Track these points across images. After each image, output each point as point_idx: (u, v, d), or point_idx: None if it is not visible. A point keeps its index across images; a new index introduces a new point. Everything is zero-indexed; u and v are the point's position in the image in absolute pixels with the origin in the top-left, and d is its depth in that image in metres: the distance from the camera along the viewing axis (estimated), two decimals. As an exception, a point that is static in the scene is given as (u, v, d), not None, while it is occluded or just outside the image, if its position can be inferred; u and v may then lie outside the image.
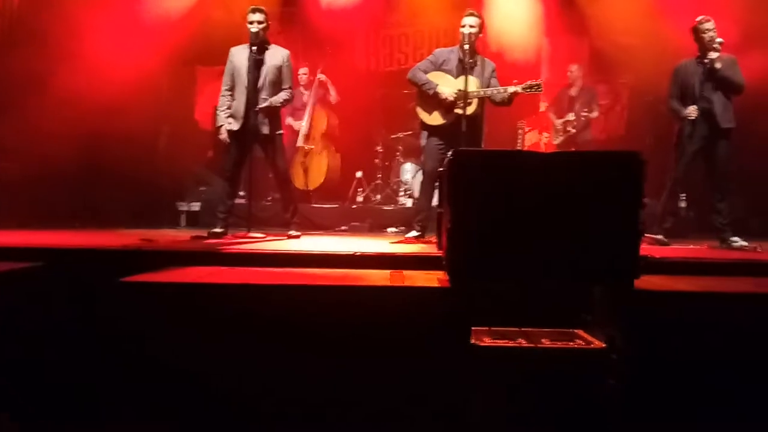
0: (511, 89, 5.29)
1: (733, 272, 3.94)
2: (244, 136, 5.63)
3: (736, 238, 5.48)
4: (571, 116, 8.15)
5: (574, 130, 8.10)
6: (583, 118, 8.08)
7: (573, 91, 8.25)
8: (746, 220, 6.66)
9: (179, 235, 5.94)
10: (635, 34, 8.44)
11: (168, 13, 7.57)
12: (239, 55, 5.68)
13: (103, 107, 6.78)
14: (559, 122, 8.32)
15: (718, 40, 5.47)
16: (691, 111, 5.54)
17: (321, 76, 8.42)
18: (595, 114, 8.13)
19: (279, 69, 5.72)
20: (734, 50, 5.66)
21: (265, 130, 5.67)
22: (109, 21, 6.94)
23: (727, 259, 4.41)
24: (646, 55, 8.20)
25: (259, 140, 5.72)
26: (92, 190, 7.15)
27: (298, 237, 5.80)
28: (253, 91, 5.59)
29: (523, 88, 5.27)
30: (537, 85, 5.28)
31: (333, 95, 8.56)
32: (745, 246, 5.38)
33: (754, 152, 6.85)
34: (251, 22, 5.58)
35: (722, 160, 5.60)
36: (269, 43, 5.76)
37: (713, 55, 5.47)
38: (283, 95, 5.75)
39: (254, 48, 5.60)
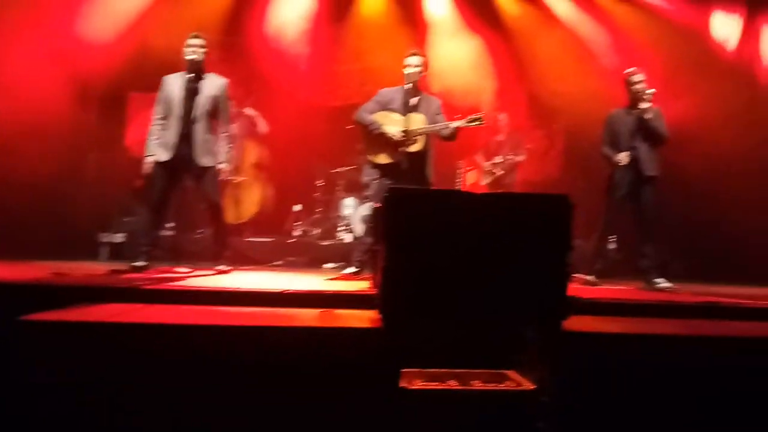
0: (454, 124, 5.34)
1: (658, 314, 4.02)
2: (174, 166, 5.44)
3: (661, 280, 5.66)
4: (498, 159, 8.32)
5: (501, 172, 8.26)
6: (509, 161, 8.25)
7: (500, 137, 8.44)
8: (670, 263, 6.88)
9: (97, 269, 5.50)
10: (570, 81, 8.75)
11: (100, 36, 7.37)
12: (173, 84, 5.51)
13: (23, 129, 6.44)
14: (487, 164, 8.48)
15: (650, 91, 5.69)
16: (622, 157, 5.74)
17: (248, 110, 8.36)
18: (521, 158, 8.32)
19: (216, 99, 5.56)
20: (659, 101, 5.90)
21: (204, 161, 5.49)
22: (34, 40, 6.68)
23: (653, 300, 4.51)
24: (580, 101, 8.49)
25: (192, 171, 5.53)
26: (7, 221, 6.75)
27: (228, 272, 5.61)
28: (186, 122, 5.43)
29: (467, 122, 5.33)
30: (478, 118, 5.34)
31: (261, 125, 8.48)
32: (670, 288, 5.55)
33: (679, 199, 7.13)
34: (189, 46, 5.44)
35: (648, 205, 5.81)
36: (206, 72, 5.60)
37: (644, 105, 5.68)
38: (224, 136, 5.63)
39: (190, 76, 5.46)
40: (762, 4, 7.95)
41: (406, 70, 5.43)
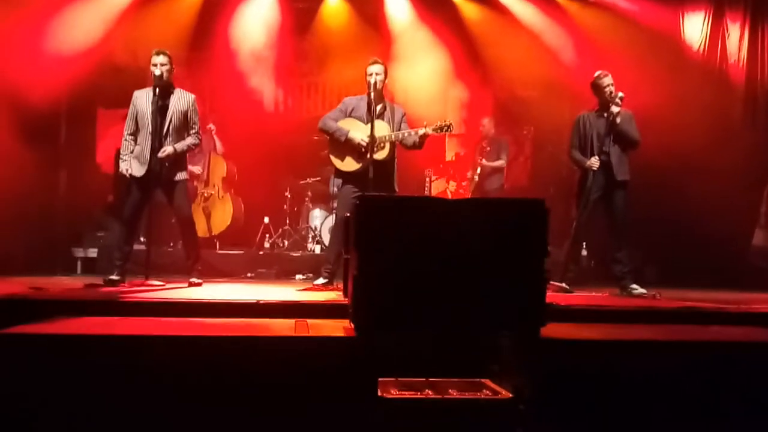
0: (422, 131, 5.29)
1: (634, 319, 4.02)
2: (147, 181, 5.43)
3: (635, 286, 5.63)
4: (480, 163, 8.36)
5: (477, 179, 8.28)
6: (486, 166, 8.27)
7: (484, 143, 8.47)
8: (643, 269, 6.91)
9: (73, 283, 5.61)
10: (534, 87, 8.81)
11: (67, 51, 7.24)
12: (142, 99, 5.50)
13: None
14: (470, 173, 8.51)
15: (620, 94, 5.66)
16: (593, 162, 5.70)
17: (211, 126, 8.34)
18: (499, 163, 8.33)
19: (185, 114, 5.58)
20: (628, 104, 5.91)
21: (171, 175, 5.50)
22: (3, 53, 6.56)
23: (629, 306, 4.49)
24: (547, 106, 8.58)
25: (162, 185, 5.53)
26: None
27: (200, 284, 5.60)
28: (157, 137, 5.42)
29: (434, 129, 5.28)
30: (447, 125, 5.30)
31: (218, 147, 8.51)
32: (645, 293, 5.53)
33: (650, 203, 7.16)
34: (155, 65, 5.42)
35: (620, 211, 5.78)
36: (174, 87, 5.60)
37: (614, 109, 5.64)
38: (188, 141, 5.61)
39: (158, 91, 5.42)
40: (727, 4, 8.03)
41: (370, 78, 5.38)
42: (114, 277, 5.36)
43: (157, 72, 5.40)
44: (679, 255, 7.46)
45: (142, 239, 6.54)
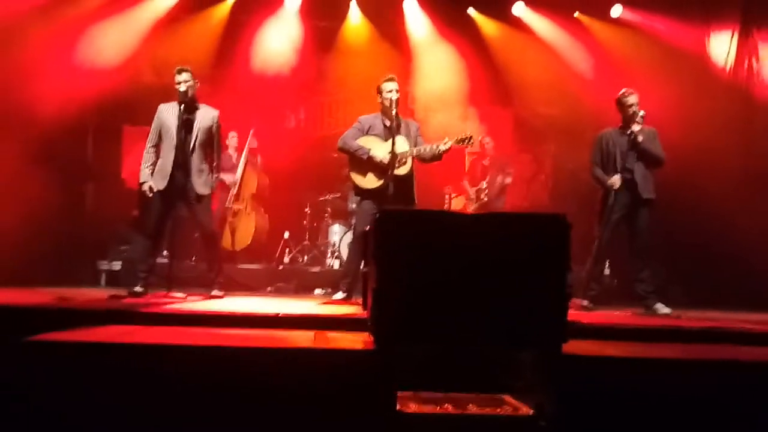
0: (444, 146, 5.28)
1: (659, 338, 3.95)
2: (170, 194, 5.49)
3: (660, 305, 5.56)
4: (483, 185, 8.31)
5: (486, 198, 8.25)
6: (496, 185, 8.24)
7: (486, 161, 8.44)
8: (668, 288, 6.79)
9: (97, 294, 5.65)
10: (556, 104, 8.79)
11: (95, 67, 7.36)
12: (168, 113, 5.56)
13: (21, 159, 6.48)
14: (472, 190, 8.48)
15: (641, 113, 5.63)
16: (615, 181, 5.66)
17: (253, 142, 8.37)
18: (507, 180, 8.30)
19: (210, 130, 5.64)
20: (653, 122, 5.86)
21: (200, 190, 5.55)
22: (29, 71, 6.66)
23: (653, 325, 4.43)
24: (568, 124, 8.52)
25: (187, 200, 5.58)
26: (8, 248, 6.73)
27: (221, 297, 5.63)
28: (181, 151, 5.48)
29: (456, 142, 5.28)
30: (468, 138, 5.30)
31: (259, 158, 8.57)
32: (669, 313, 5.45)
33: (675, 221, 7.06)
34: (178, 82, 5.49)
35: (644, 229, 5.71)
36: (198, 103, 5.67)
37: (636, 127, 5.62)
38: (213, 176, 5.72)
39: (183, 107, 5.50)
40: (756, 21, 7.93)
41: (390, 95, 5.40)
42: (138, 289, 5.42)
43: (182, 89, 5.47)
44: (706, 274, 7.32)
45: (164, 253, 6.57)
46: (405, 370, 3.19)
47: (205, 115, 5.64)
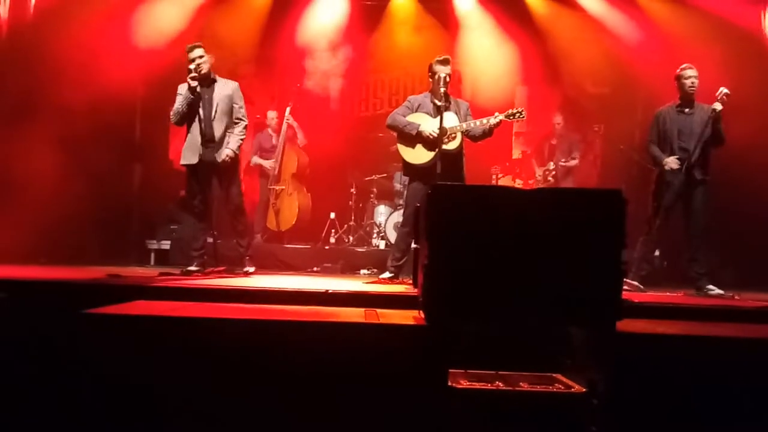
0: (495, 119, 5.23)
1: (713, 318, 3.88)
2: (203, 168, 5.58)
3: (712, 287, 5.45)
4: (551, 165, 8.21)
5: (552, 180, 8.14)
6: (561, 166, 8.13)
7: (554, 140, 8.32)
8: (720, 271, 6.63)
9: (147, 272, 5.76)
10: (606, 83, 8.61)
11: (142, 47, 7.46)
12: (186, 90, 5.57)
13: (74, 142, 6.65)
14: (539, 171, 8.39)
15: (723, 90, 5.52)
16: (671, 161, 5.55)
17: (289, 119, 8.37)
18: (574, 162, 8.18)
19: (230, 98, 5.69)
20: (708, 102, 5.70)
21: (220, 158, 5.59)
22: (79, 52, 6.77)
23: (707, 305, 4.34)
24: (617, 104, 8.36)
25: (216, 170, 5.64)
26: (60, 227, 6.88)
27: (252, 273, 5.71)
28: (207, 125, 5.56)
29: (506, 116, 5.22)
30: (519, 112, 5.23)
31: (300, 138, 8.55)
32: (723, 294, 5.34)
33: (729, 203, 6.87)
34: (192, 60, 5.51)
35: (700, 210, 5.61)
36: (215, 76, 5.74)
37: (717, 107, 5.51)
38: (238, 133, 5.70)
39: (199, 82, 5.53)
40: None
41: (437, 74, 5.35)
42: (192, 268, 5.56)
43: (192, 66, 5.49)
44: (759, 257, 7.13)
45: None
46: (456, 347, 3.18)
47: (225, 86, 5.71)
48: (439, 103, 5.31)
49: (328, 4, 8.75)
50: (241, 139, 5.73)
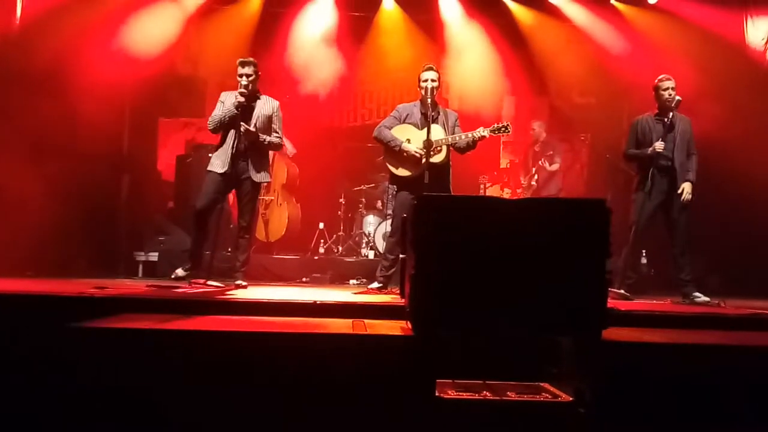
0: (479, 133, 5.26)
1: (699, 325, 3.91)
2: (227, 180, 5.52)
3: (699, 294, 5.48)
4: (533, 170, 8.28)
5: (535, 184, 8.18)
6: (542, 170, 8.17)
7: (537, 147, 8.38)
8: (706, 278, 6.69)
9: (135, 285, 5.70)
10: (592, 93, 8.70)
11: (130, 59, 7.45)
12: (230, 100, 5.54)
13: (59, 153, 6.60)
14: (525, 179, 8.43)
15: (677, 98, 5.57)
16: (658, 145, 5.56)
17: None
18: (554, 167, 8.21)
19: (269, 118, 5.69)
20: (692, 111, 5.76)
21: (253, 176, 5.60)
22: (66, 63, 6.74)
23: (693, 312, 4.38)
24: (603, 113, 8.43)
25: (240, 185, 5.63)
26: (47, 239, 6.81)
27: (245, 287, 5.61)
28: (242, 140, 5.49)
29: (491, 131, 5.26)
30: (504, 126, 5.27)
31: (290, 148, 8.55)
32: (709, 301, 5.37)
33: (713, 210, 6.94)
34: (240, 75, 5.49)
35: (682, 215, 5.64)
36: (260, 93, 5.72)
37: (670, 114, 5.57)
38: (274, 137, 5.72)
39: (246, 97, 5.48)
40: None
41: (425, 84, 5.38)
42: (180, 273, 5.56)
43: (244, 82, 5.47)
44: (744, 264, 7.19)
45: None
46: (443, 357, 3.19)
47: (266, 104, 5.70)
48: (426, 113, 5.34)
49: (317, 15, 8.77)
50: (271, 141, 5.70)
